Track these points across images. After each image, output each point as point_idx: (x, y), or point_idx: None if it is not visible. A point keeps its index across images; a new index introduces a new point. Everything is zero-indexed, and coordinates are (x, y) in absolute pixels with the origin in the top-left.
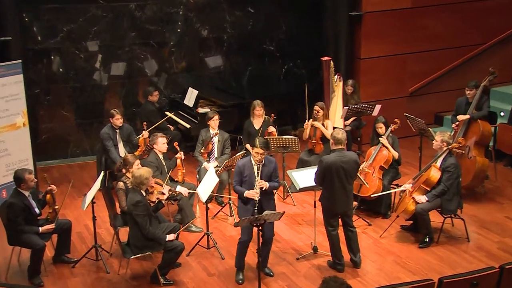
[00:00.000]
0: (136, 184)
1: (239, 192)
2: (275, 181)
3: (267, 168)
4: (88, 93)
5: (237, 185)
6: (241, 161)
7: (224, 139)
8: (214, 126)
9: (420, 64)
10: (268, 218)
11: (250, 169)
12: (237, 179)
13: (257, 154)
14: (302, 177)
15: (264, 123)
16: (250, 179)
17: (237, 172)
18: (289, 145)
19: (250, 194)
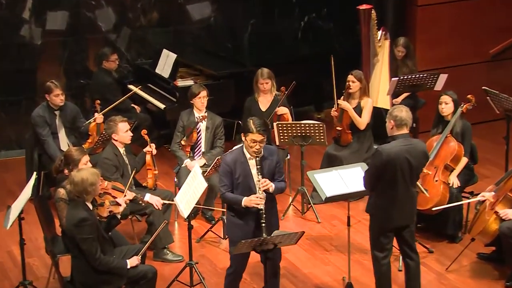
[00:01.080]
0: (77, 193)
1: (231, 201)
2: (280, 179)
3: (268, 162)
4: (12, 57)
5: (226, 191)
6: (229, 156)
7: (215, 126)
8: (200, 107)
9: (507, 14)
10: (281, 241)
11: (243, 166)
12: (226, 182)
13: (253, 142)
14: (330, 181)
15: (274, 103)
16: (245, 180)
17: (225, 172)
18: (311, 134)
19: (253, 202)
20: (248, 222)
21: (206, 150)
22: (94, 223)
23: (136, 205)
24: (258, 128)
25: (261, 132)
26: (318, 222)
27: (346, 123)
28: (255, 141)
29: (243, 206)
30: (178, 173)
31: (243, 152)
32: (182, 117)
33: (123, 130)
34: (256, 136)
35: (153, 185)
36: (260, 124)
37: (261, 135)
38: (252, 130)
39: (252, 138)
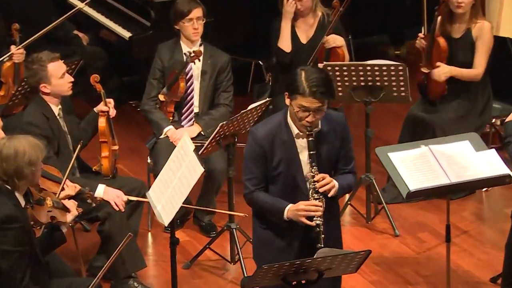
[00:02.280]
0: (4, 175)
1: (265, 208)
2: (347, 170)
3: (329, 142)
4: None
5: (255, 189)
6: (262, 129)
7: (218, 69)
8: (192, 36)
9: None
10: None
11: (287, 147)
12: (255, 174)
13: (304, 110)
14: (415, 164)
15: (320, 28)
16: (290, 170)
17: (253, 156)
18: (382, 82)
19: (305, 213)
20: (291, 242)
21: (201, 111)
22: (25, 229)
23: (81, 205)
24: (314, 88)
25: (318, 95)
26: (395, 236)
27: (437, 61)
28: (307, 109)
29: (286, 218)
30: (154, 149)
31: (286, 122)
32: (161, 54)
33: (57, 75)
34: (310, 102)
35: (111, 171)
36: (318, 79)
37: (318, 100)
38: (302, 91)
39: (302, 103)
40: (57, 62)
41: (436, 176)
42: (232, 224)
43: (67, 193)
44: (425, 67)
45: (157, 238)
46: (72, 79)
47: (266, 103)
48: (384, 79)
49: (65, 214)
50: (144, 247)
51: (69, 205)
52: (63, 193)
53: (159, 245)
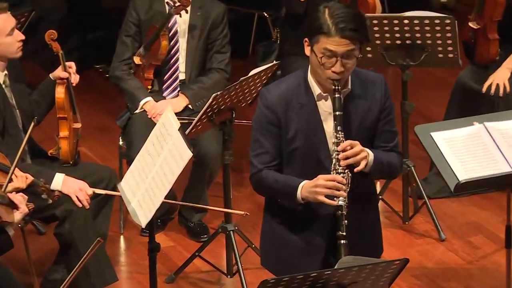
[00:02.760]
0: None
1: (274, 189)
2: (388, 148)
3: (362, 106)
4: None
5: (264, 167)
6: (275, 89)
7: (211, 23)
8: None
9: None
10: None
11: (307, 112)
12: (265, 147)
13: (329, 56)
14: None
15: None
16: (310, 142)
17: (263, 125)
18: (424, 40)
19: (324, 189)
20: (312, 238)
21: (189, 78)
22: None
23: (33, 200)
24: (341, 24)
25: (347, 32)
26: (440, 240)
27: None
28: (334, 53)
29: (300, 198)
30: (128, 128)
31: (306, 81)
32: (137, 4)
33: (4, 31)
34: (337, 43)
35: (72, 155)
36: (347, 14)
37: (348, 39)
38: (327, 29)
39: (327, 46)
40: (4, 15)
41: (494, 163)
42: (229, 226)
43: (15, 185)
44: (474, 21)
45: (132, 244)
46: (23, 37)
47: (273, 68)
48: (427, 36)
49: (11, 212)
50: (115, 255)
51: (17, 200)
52: (10, 185)
53: (134, 252)
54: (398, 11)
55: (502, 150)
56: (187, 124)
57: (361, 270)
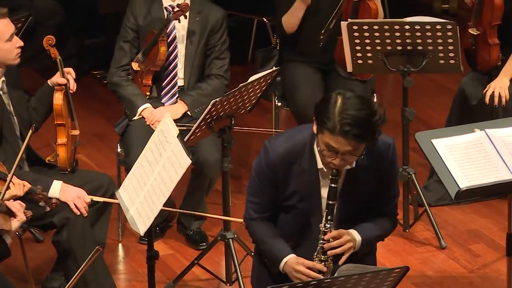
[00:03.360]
0: None
1: (262, 247)
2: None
3: (362, 179)
4: None
5: (258, 218)
6: (281, 144)
7: (210, 28)
8: None
9: None
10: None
11: (308, 177)
12: (260, 199)
13: (331, 150)
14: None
15: None
16: (306, 205)
17: (262, 177)
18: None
19: (306, 274)
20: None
21: (188, 85)
22: None
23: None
24: (346, 127)
25: (350, 136)
26: (440, 248)
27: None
28: (335, 150)
29: (280, 270)
30: (126, 135)
31: (312, 148)
32: (135, 9)
33: (3, 37)
34: (338, 143)
35: (70, 163)
36: (355, 117)
37: (349, 143)
38: (331, 126)
39: (329, 142)
40: (4, 20)
41: (495, 170)
42: (228, 233)
43: (13, 193)
44: (473, 27)
45: (130, 251)
46: (22, 43)
47: (273, 74)
48: (428, 41)
49: (9, 220)
50: (113, 263)
51: (15, 208)
52: (7, 192)
53: (132, 260)
54: (400, 16)
55: (504, 157)
56: (186, 131)
57: (361, 278)
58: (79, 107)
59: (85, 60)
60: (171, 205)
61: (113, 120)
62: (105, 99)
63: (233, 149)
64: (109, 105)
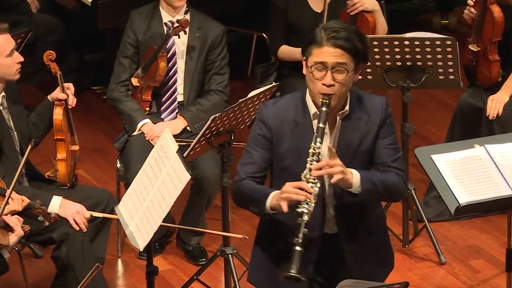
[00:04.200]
0: None
1: (247, 196)
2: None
3: (358, 129)
4: None
5: (247, 177)
6: (272, 106)
7: (210, 44)
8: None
9: None
10: None
11: (301, 131)
12: (253, 159)
13: (320, 68)
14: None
15: None
16: (301, 166)
17: (257, 137)
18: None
19: (290, 191)
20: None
21: (187, 100)
22: None
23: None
24: (332, 33)
25: (339, 41)
26: (440, 264)
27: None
28: (323, 64)
29: (269, 207)
30: (125, 150)
31: (304, 100)
32: (135, 24)
33: (3, 52)
34: (326, 53)
35: (69, 178)
36: (340, 25)
37: (338, 49)
38: (319, 39)
39: (318, 57)
40: (4, 36)
41: (494, 186)
42: (228, 249)
43: (11, 208)
44: (474, 43)
45: (130, 267)
46: (22, 59)
47: (272, 90)
48: (427, 57)
49: (6, 235)
50: (113, 278)
51: (12, 223)
52: (6, 208)
53: (132, 276)
54: (399, 31)
55: (503, 173)
56: (186, 147)
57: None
58: (78, 122)
59: (85, 76)
60: (170, 221)
61: (112, 136)
62: (105, 114)
63: (232, 164)
64: (108, 121)
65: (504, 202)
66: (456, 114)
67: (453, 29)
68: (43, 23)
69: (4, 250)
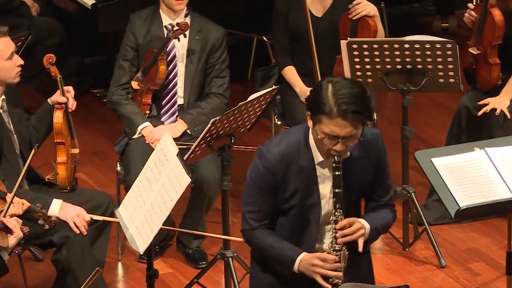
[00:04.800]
0: None
1: (268, 253)
2: (383, 202)
3: (358, 169)
4: None
5: (260, 226)
6: (276, 147)
7: (210, 46)
8: (173, 3)
9: None
10: None
11: (306, 175)
12: (259, 206)
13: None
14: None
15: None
16: (305, 204)
17: (261, 184)
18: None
19: (324, 267)
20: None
21: (187, 103)
22: None
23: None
24: (344, 106)
25: (350, 115)
26: (440, 267)
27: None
28: (336, 135)
29: (295, 271)
30: (125, 153)
31: (307, 143)
32: (135, 27)
33: (3, 55)
34: (338, 125)
35: (69, 181)
36: (350, 95)
37: (350, 123)
38: (328, 110)
39: (329, 128)
40: (4, 38)
41: (495, 189)
42: (228, 252)
43: (11, 211)
44: (474, 47)
45: (130, 270)
46: (22, 62)
47: (272, 93)
48: (428, 60)
49: (6, 237)
50: (113, 281)
51: (11, 225)
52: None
53: (132, 279)
54: (399, 34)
55: (503, 176)
56: (186, 150)
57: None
58: (79, 125)
59: (85, 79)
60: (170, 224)
61: (112, 139)
62: (105, 117)
63: (232, 167)
64: (108, 124)
65: (504, 205)
66: (456, 117)
67: (453, 32)
68: (43, 26)
69: (4, 252)
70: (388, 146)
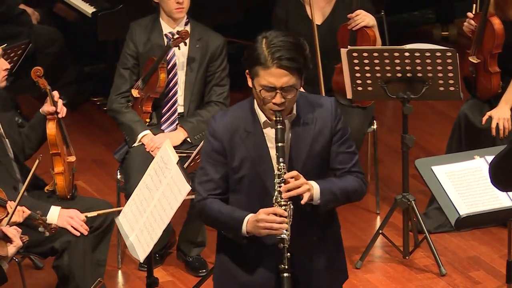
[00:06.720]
0: None
1: (218, 221)
2: (345, 169)
3: (309, 132)
4: None
5: (209, 195)
6: (221, 119)
7: (210, 56)
8: (174, 12)
9: None
10: None
11: (253, 141)
12: (210, 176)
13: (268, 89)
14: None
15: (339, 4)
16: (257, 172)
17: (210, 153)
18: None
19: (266, 224)
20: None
21: (187, 111)
22: None
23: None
24: (277, 53)
25: (285, 61)
26: (440, 275)
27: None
28: (273, 85)
29: (245, 232)
30: (126, 161)
31: (253, 109)
32: (135, 36)
33: None
34: (274, 74)
35: (68, 190)
36: (284, 43)
37: (286, 69)
38: (263, 59)
39: (265, 78)
40: None
41: (495, 197)
42: None
43: (13, 219)
44: (474, 55)
45: (130, 278)
46: (8, 66)
47: None
48: (428, 69)
49: (5, 246)
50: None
51: (11, 234)
52: (6, 219)
53: (132, 287)
54: (399, 43)
55: None
56: (186, 158)
57: None
58: (78, 133)
59: (85, 87)
60: (170, 232)
61: (112, 147)
62: (105, 125)
63: None
64: (108, 132)
65: (504, 213)
66: (456, 126)
67: (453, 40)
68: (43, 35)
69: (3, 261)
70: (388, 154)
